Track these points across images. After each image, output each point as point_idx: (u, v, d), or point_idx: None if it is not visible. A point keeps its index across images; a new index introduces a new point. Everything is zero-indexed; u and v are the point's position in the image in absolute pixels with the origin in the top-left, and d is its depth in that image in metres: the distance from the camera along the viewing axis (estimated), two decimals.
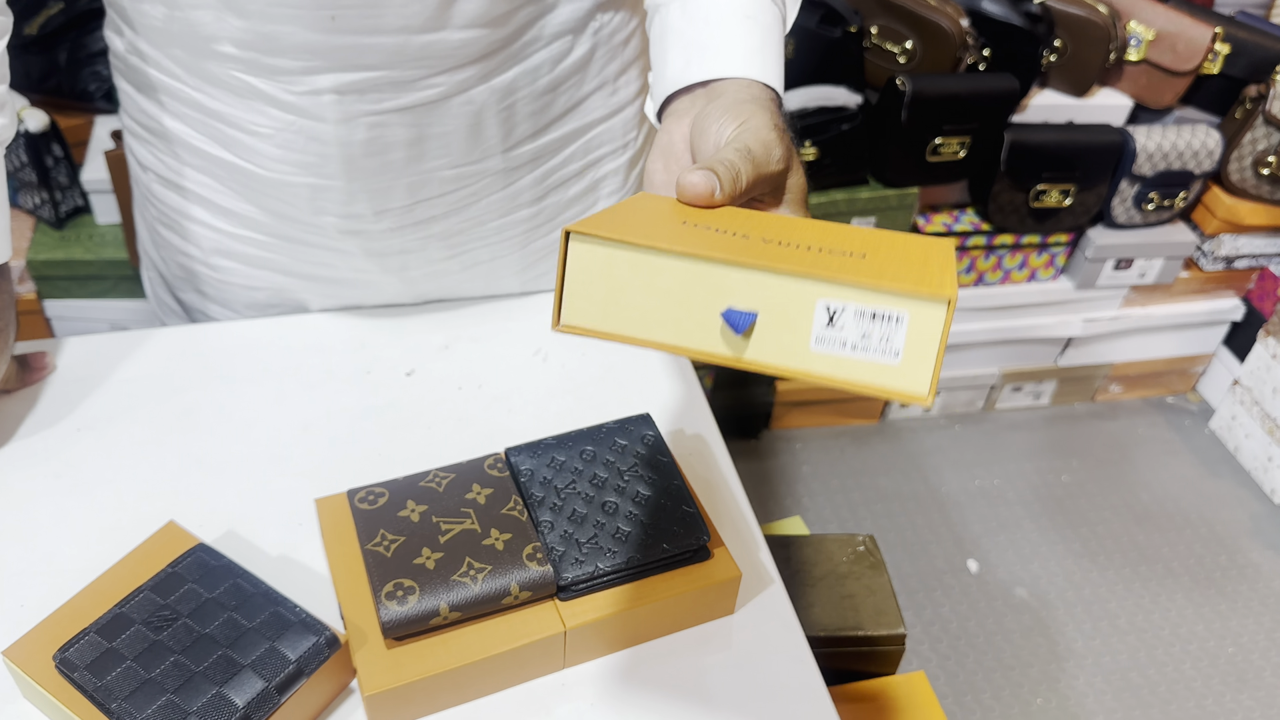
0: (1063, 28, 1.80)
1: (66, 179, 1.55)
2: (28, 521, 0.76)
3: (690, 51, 0.65)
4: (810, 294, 0.43)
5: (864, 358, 0.43)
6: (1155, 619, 1.85)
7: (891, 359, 0.42)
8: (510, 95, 0.81)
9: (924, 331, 0.42)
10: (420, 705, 0.66)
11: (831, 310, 0.43)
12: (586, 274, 0.47)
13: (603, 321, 0.47)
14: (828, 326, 0.43)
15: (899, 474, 2.10)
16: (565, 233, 0.46)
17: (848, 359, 0.43)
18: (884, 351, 0.42)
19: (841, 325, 0.43)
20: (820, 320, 0.43)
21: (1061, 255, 2.02)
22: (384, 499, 0.71)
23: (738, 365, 0.45)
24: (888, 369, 0.42)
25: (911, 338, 0.42)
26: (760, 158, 0.54)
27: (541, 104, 0.84)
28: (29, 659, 0.62)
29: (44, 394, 0.85)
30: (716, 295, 0.45)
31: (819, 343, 0.43)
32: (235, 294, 0.92)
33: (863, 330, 0.42)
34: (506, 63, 0.79)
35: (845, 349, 0.43)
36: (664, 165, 0.63)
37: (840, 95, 1.71)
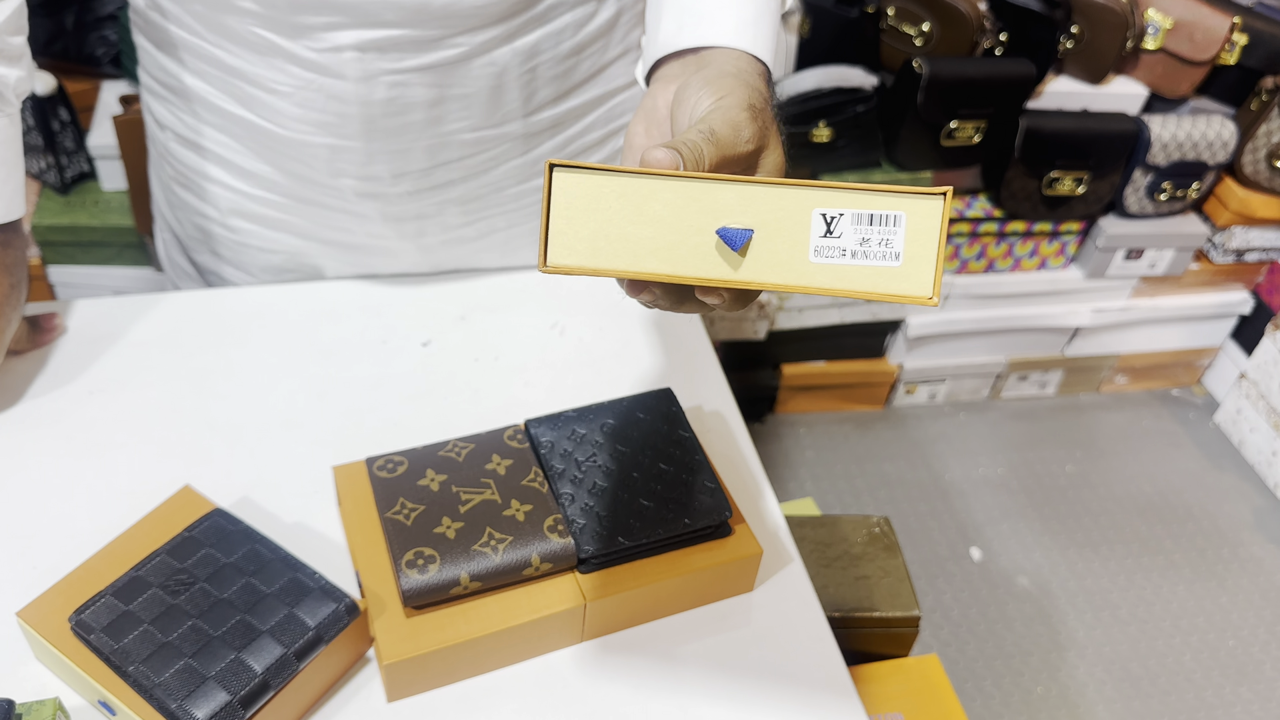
0: (1080, 14, 1.79)
1: (73, 144, 1.54)
2: (40, 483, 0.75)
3: (683, 17, 0.64)
4: (806, 203, 0.43)
5: (865, 264, 0.42)
6: (1156, 610, 1.85)
7: (892, 261, 0.42)
8: (533, 58, 0.80)
9: (923, 229, 0.42)
10: (438, 675, 0.65)
11: (828, 218, 0.42)
12: (573, 208, 0.45)
13: (592, 257, 0.45)
14: (825, 236, 0.43)
15: (903, 460, 2.09)
16: (549, 165, 0.45)
17: (848, 267, 0.42)
18: (884, 255, 0.42)
19: (839, 232, 0.42)
20: (817, 229, 0.43)
21: (1073, 244, 2.01)
22: (403, 467, 0.70)
23: (737, 285, 0.44)
24: (889, 272, 0.42)
25: (911, 237, 0.42)
26: (725, 139, 0.53)
27: (564, 68, 0.83)
28: (44, 620, 0.62)
29: (56, 356, 0.84)
30: (709, 215, 0.44)
31: (817, 253, 0.43)
32: (251, 256, 0.91)
33: (861, 235, 0.42)
34: (530, 24, 0.78)
35: (845, 257, 0.42)
36: (645, 129, 0.62)
37: (856, 76, 1.70)
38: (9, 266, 0.76)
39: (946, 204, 0.42)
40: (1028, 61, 1.73)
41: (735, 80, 0.57)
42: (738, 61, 0.61)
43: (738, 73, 0.59)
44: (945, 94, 1.69)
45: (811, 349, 2.07)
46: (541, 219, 0.45)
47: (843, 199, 0.42)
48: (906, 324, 2.04)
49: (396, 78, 0.76)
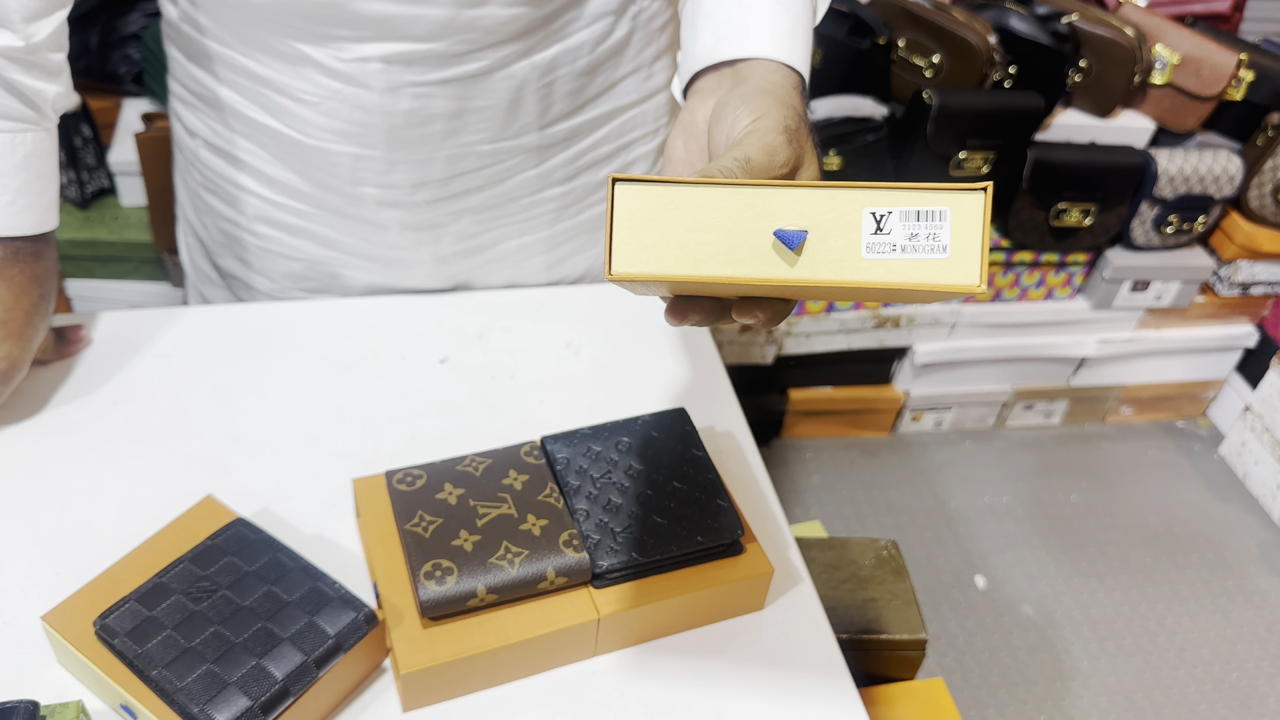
0: (1089, 48, 1.81)
1: (94, 160, 1.56)
2: (64, 491, 0.76)
3: (720, 31, 0.65)
4: (856, 203, 0.45)
5: (915, 257, 0.45)
6: (1161, 641, 1.85)
7: (941, 254, 0.44)
8: (550, 73, 0.83)
9: (967, 222, 0.44)
10: (454, 686, 0.66)
11: (878, 216, 0.45)
12: (634, 218, 0.47)
13: (654, 265, 0.47)
14: (876, 233, 0.45)
15: (909, 487, 2.10)
16: (611, 179, 0.47)
17: (899, 261, 0.45)
18: (933, 248, 0.44)
19: (889, 229, 0.45)
20: (868, 227, 0.45)
21: (1079, 275, 2.02)
22: (422, 481, 0.71)
23: (796, 284, 0.47)
24: (938, 264, 0.45)
25: (956, 230, 0.44)
26: (760, 166, 0.54)
27: (579, 84, 0.86)
28: (68, 625, 0.63)
29: (80, 367, 0.86)
30: (764, 219, 0.47)
31: (870, 250, 0.45)
32: (274, 263, 0.93)
33: (910, 231, 0.45)
34: (548, 40, 0.81)
35: (896, 252, 0.45)
36: (684, 144, 0.63)
37: (866, 106, 1.72)
38: (39, 277, 0.78)
39: (988, 197, 0.45)
40: (1036, 94, 1.75)
41: (772, 99, 0.58)
42: (773, 75, 0.62)
43: (774, 88, 0.60)
44: (955, 125, 1.71)
45: (819, 374, 2.08)
46: (606, 230, 0.48)
47: (890, 198, 0.45)
48: (913, 351, 2.05)
49: (420, 90, 0.79)
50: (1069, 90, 1.87)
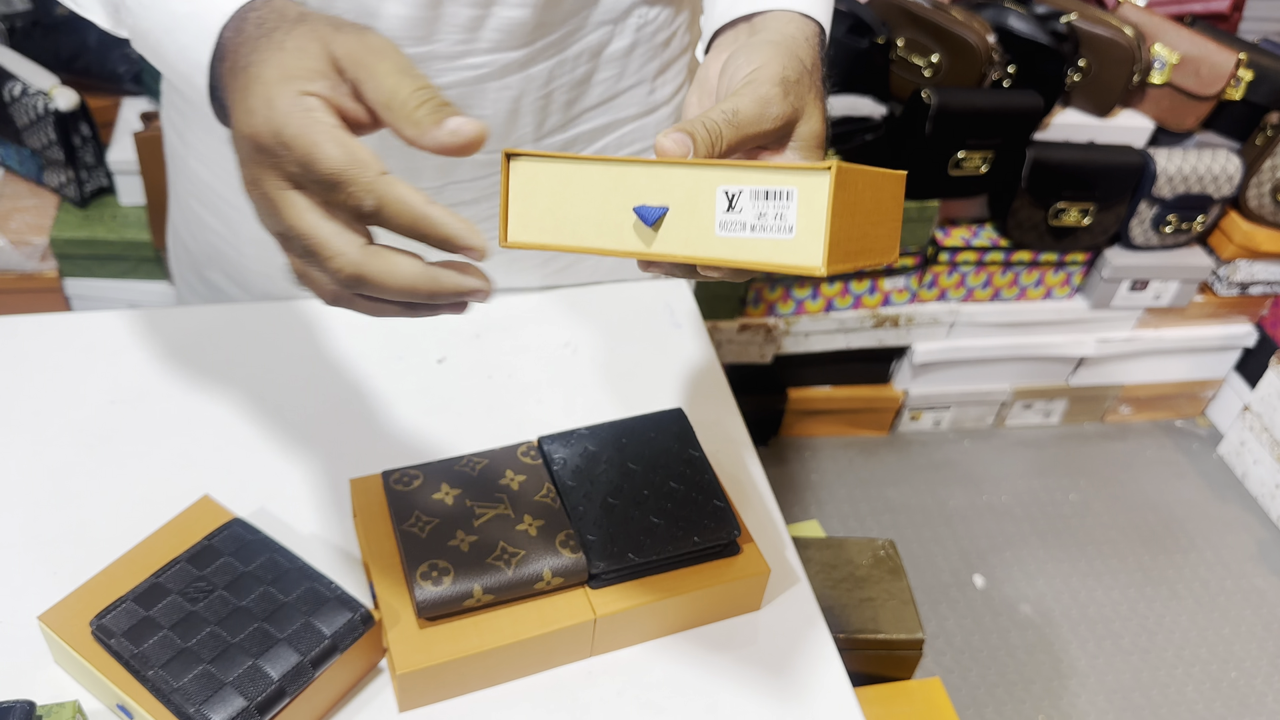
0: (1088, 48, 1.81)
1: (93, 159, 1.56)
2: (62, 491, 0.76)
3: None
4: (710, 181, 0.46)
5: (762, 236, 0.45)
6: (1159, 640, 1.85)
7: (786, 234, 0.45)
8: (548, 84, 0.82)
9: (812, 204, 0.44)
10: (450, 686, 0.66)
11: (730, 194, 0.46)
12: (525, 191, 0.51)
13: (541, 235, 0.51)
14: (728, 211, 0.46)
15: (907, 486, 2.10)
16: (505, 154, 0.50)
17: (748, 240, 0.46)
18: (779, 228, 0.45)
19: (740, 208, 0.46)
20: (721, 205, 0.46)
21: (1078, 274, 2.02)
22: (418, 481, 0.71)
23: (653, 258, 0.49)
24: (784, 244, 0.45)
25: (802, 211, 0.45)
26: (749, 118, 0.54)
27: (576, 94, 0.84)
28: (65, 624, 0.63)
29: (77, 366, 0.86)
30: (630, 195, 0.49)
31: (722, 227, 0.46)
32: (264, 281, 0.92)
33: (759, 210, 0.45)
34: (547, 51, 0.80)
35: (745, 230, 0.46)
36: (698, 100, 0.63)
37: (865, 105, 1.72)
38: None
39: (832, 178, 0.44)
40: (1035, 94, 1.75)
41: (775, 49, 0.58)
42: (787, 26, 0.61)
43: (783, 39, 0.59)
44: (953, 124, 1.71)
45: (817, 374, 2.08)
46: (501, 201, 0.51)
47: (742, 177, 0.46)
48: (912, 350, 2.05)
49: None
50: (1068, 90, 1.87)
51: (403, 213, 0.47)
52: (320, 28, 0.49)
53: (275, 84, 0.47)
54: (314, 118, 0.47)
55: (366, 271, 0.48)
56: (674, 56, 0.90)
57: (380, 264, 0.48)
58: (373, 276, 0.48)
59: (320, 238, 0.48)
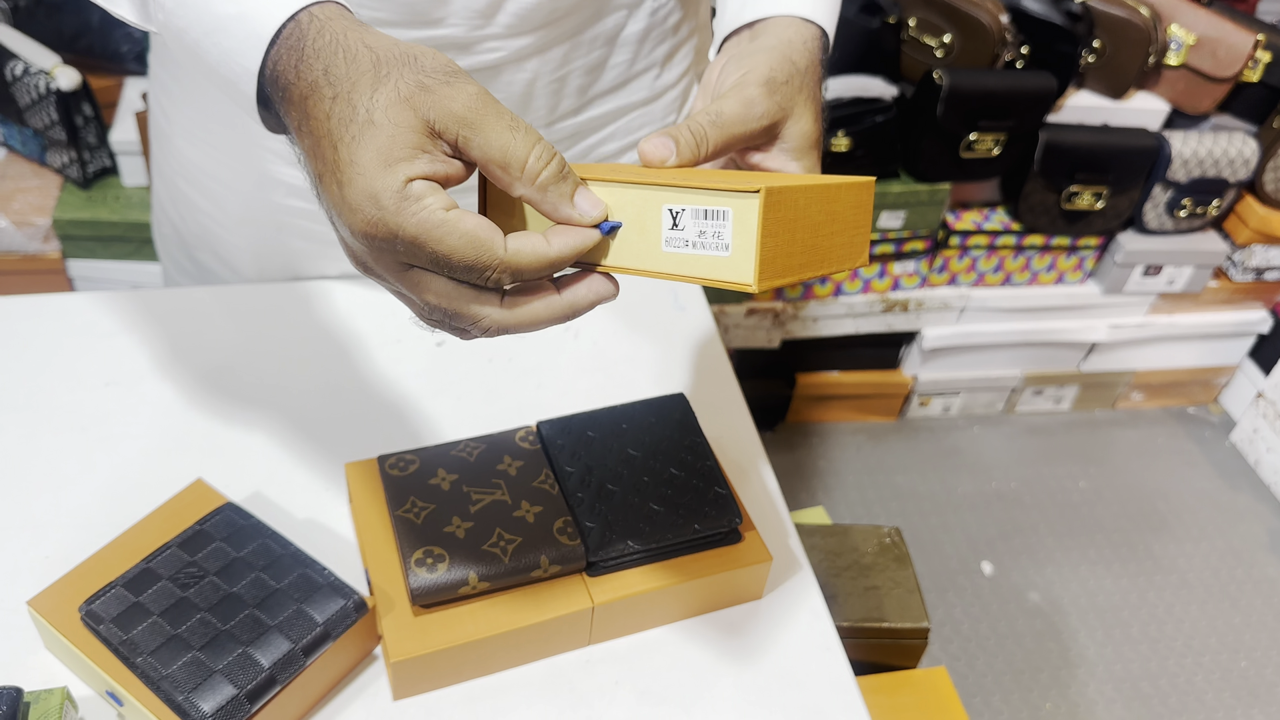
0: (1103, 28, 1.78)
1: (95, 139, 1.55)
2: (54, 474, 0.75)
3: None
4: (657, 200, 0.48)
5: (702, 253, 0.48)
6: (1168, 629, 1.84)
7: (723, 251, 0.47)
8: (562, 68, 0.81)
9: (745, 224, 0.46)
10: (445, 675, 0.65)
11: (674, 212, 0.48)
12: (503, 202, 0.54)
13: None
14: (672, 228, 0.48)
15: (915, 473, 2.08)
16: None
17: (690, 256, 0.48)
18: (717, 246, 0.47)
19: (683, 225, 0.48)
20: (666, 223, 0.48)
21: (1090, 259, 2.00)
22: (414, 466, 0.70)
23: (607, 270, 0.51)
24: (721, 261, 0.47)
25: (736, 230, 0.46)
26: (733, 119, 0.55)
27: (589, 80, 0.83)
28: (54, 610, 0.62)
29: (72, 348, 0.84)
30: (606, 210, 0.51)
31: (668, 244, 0.48)
32: (256, 262, 0.91)
33: (699, 228, 0.47)
34: (563, 34, 0.79)
35: (688, 247, 0.48)
36: (703, 105, 0.63)
37: (876, 86, 1.70)
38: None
39: (761, 200, 0.45)
40: (1049, 75, 1.73)
41: (767, 54, 0.58)
42: (786, 30, 0.61)
43: (778, 44, 0.60)
44: (965, 106, 1.68)
45: (826, 359, 2.06)
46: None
47: (684, 197, 0.47)
48: (922, 336, 2.03)
49: None
50: (1082, 71, 1.84)
51: (536, 269, 0.48)
52: (405, 88, 0.46)
53: (376, 175, 0.45)
54: (427, 210, 0.46)
55: (511, 326, 0.49)
56: (682, 40, 0.89)
57: (523, 315, 0.49)
58: (518, 327, 0.49)
59: (460, 310, 0.48)
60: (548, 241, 0.48)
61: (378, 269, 0.49)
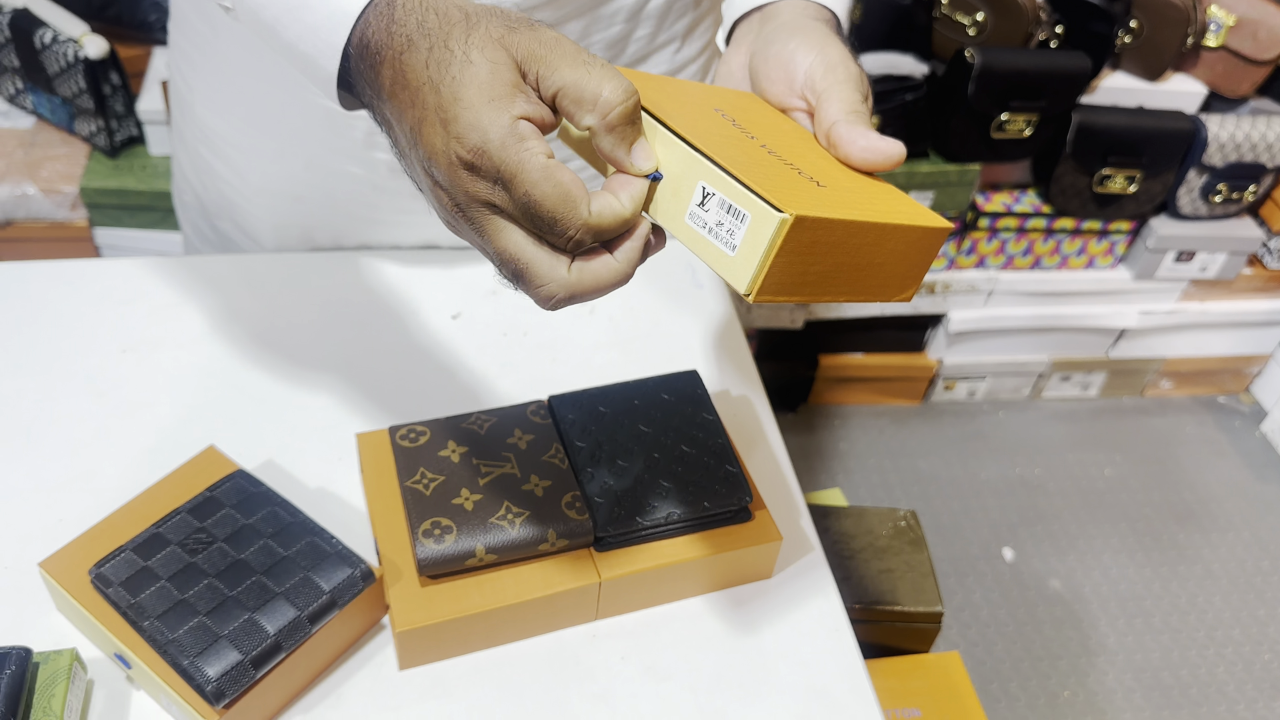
0: (1140, 8, 1.74)
1: (123, 108, 1.55)
2: (70, 439, 0.76)
3: None
4: (698, 172, 0.47)
5: (714, 241, 0.47)
6: (1191, 620, 1.82)
7: (730, 250, 0.46)
8: (581, 41, 0.80)
9: (758, 235, 0.45)
10: (451, 645, 0.65)
11: (706, 192, 0.47)
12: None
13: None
14: (700, 205, 0.47)
15: (938, 457, 2.07)
16: None
17: (703, 238, 0.47)
18: (727, 242, 0.46)
19: (709, 208, 0.47)
20: (696, 198, 0.47)
21: (1122, 243, 1.97)
22: (425, 437, 0.70)
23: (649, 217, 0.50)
24: (726, 258, 0.46)
25: (748, 237, 0.45)
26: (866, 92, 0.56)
27: (610, 54, 0.83)
28: (65, 572, 0.62)
29: (90, 314, 0.85)
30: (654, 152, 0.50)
31: (690, 217, 0.48)
32: (276, 232, 0.91)
33: (719, 218, 0.46)
34: (581, 10, 0.78)
35: (704, 229, 0.47)
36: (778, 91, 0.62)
37: (906, 64, 1.67)
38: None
39: (783, 226, 0.44)
40: (1083, 55, 1.69)
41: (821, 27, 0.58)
42: (808, 9, 0.61)
43: (815, 19, 0.59)
44: (997, 85, 1.66)
45: (850, 340, 2.05)
46: None
47: (722, 181, 0.46)
48: (948, 319, 2.01)
49: None
50: (1118, 52, 1.80)
51: (615, 228, 0.48)
52: (496, 31, 0.47)
53: (483, 108, 0.46)
54: (530, 152, 0.46)
55: (577, 290, 0.48)
56: (704, 13, 0.88)
57: (589, 280, 0.48)
58: (584, 292, 0.49)
59: (531, 267, 0.48)
60: (618, 197, 0.48)
61: (468, 209, 0.48)
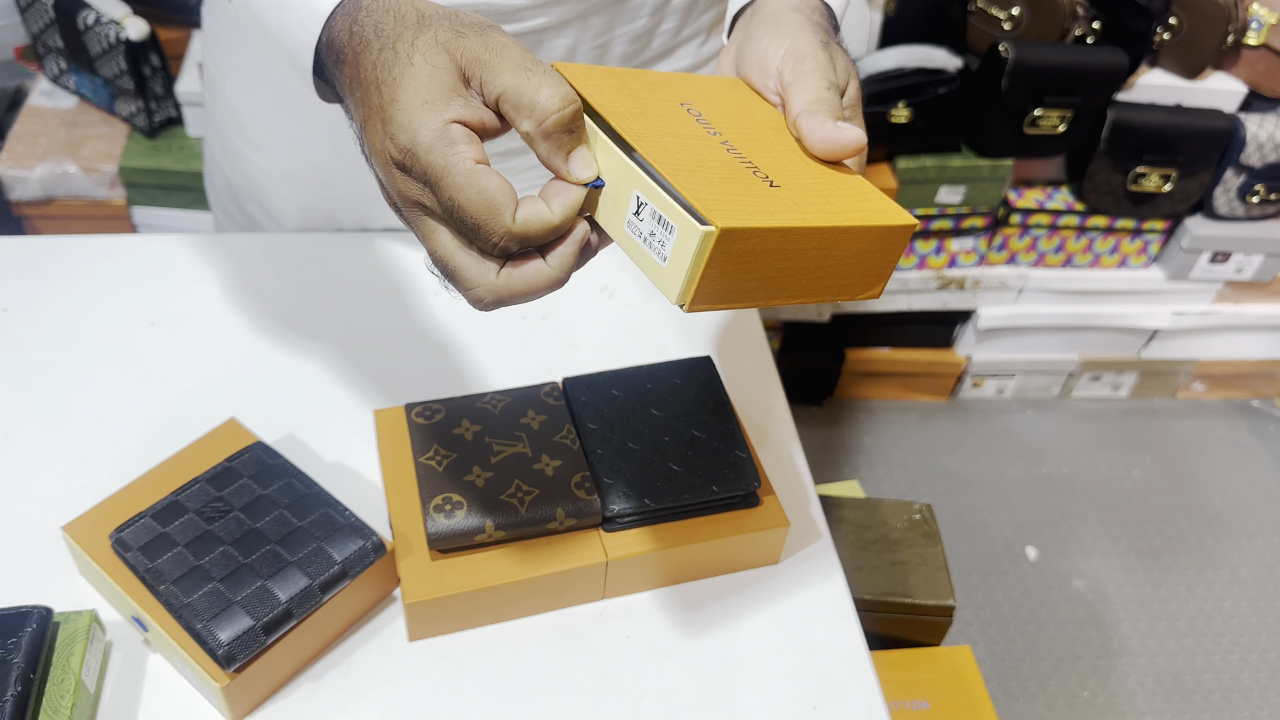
0: (1180, 5, 1.72)
1: (162, 89, 1.58)
2: (97, 408, 0.78)
3: None
4: (632, 181, 0.47)
5: (648, 251, 0.47)
6: (1216, 624, 1.80)
7: (661, 260, 0.46)
8: (604, 35, 0.80)
9: (685, 247, 0.45)
10: (459, 619, 0.67)
11: (640, 202, 0.47)
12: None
13: None
14: (635, 214, 0.47)
15: (964, 454, 2.06)
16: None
17: (639, 247, 0.47)
18: (658, 253, 0.46)
19: (643, 217, 0.47)
20: (631, 207, 0.48)
21: (1156, 243, 1.95)
22: (440, 415, 0.71)
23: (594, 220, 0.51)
24: (658, 268, 0.47)
25: (677, 248, 0.45)
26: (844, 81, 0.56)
27: (635, 47, 0.83)
28: (86, 536, 0.64)
29: (120, 288, 0.87)
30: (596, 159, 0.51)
31: (628, 225, 0.48)
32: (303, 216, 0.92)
33: (652, 228, 0.46)
34: (605, 4, 0.78)
35: (639, 238, 0.47)
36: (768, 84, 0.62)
37: (939, 57, 1.66)
38: None
39: (707, 238, 0.44)
40: (1120, 51, 1.67)
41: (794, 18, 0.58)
42: (785, 3, 0.60)
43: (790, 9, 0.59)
44: (1030, 80, 1.64)
45: (877, 335, 2.04)
46: None
47: (653, 192, 0.46)
48: (977, 315, 2.00)
49: None
50: (1156, 49, 1.78)
51: (542, 235, 0.48)
52: (442, 36, 0.48)
53: (416, 110, 0.47)
54: (457, 156, 0.46)
55: (505, 295, 0.49)
56: None
57: (518, 285, 0.48)
58: (512, 296, 0.49)
59: (460, 271, 0.48)
60: (549, 205, 0.48)
61: (403, 208, 0.50)
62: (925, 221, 1.83)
